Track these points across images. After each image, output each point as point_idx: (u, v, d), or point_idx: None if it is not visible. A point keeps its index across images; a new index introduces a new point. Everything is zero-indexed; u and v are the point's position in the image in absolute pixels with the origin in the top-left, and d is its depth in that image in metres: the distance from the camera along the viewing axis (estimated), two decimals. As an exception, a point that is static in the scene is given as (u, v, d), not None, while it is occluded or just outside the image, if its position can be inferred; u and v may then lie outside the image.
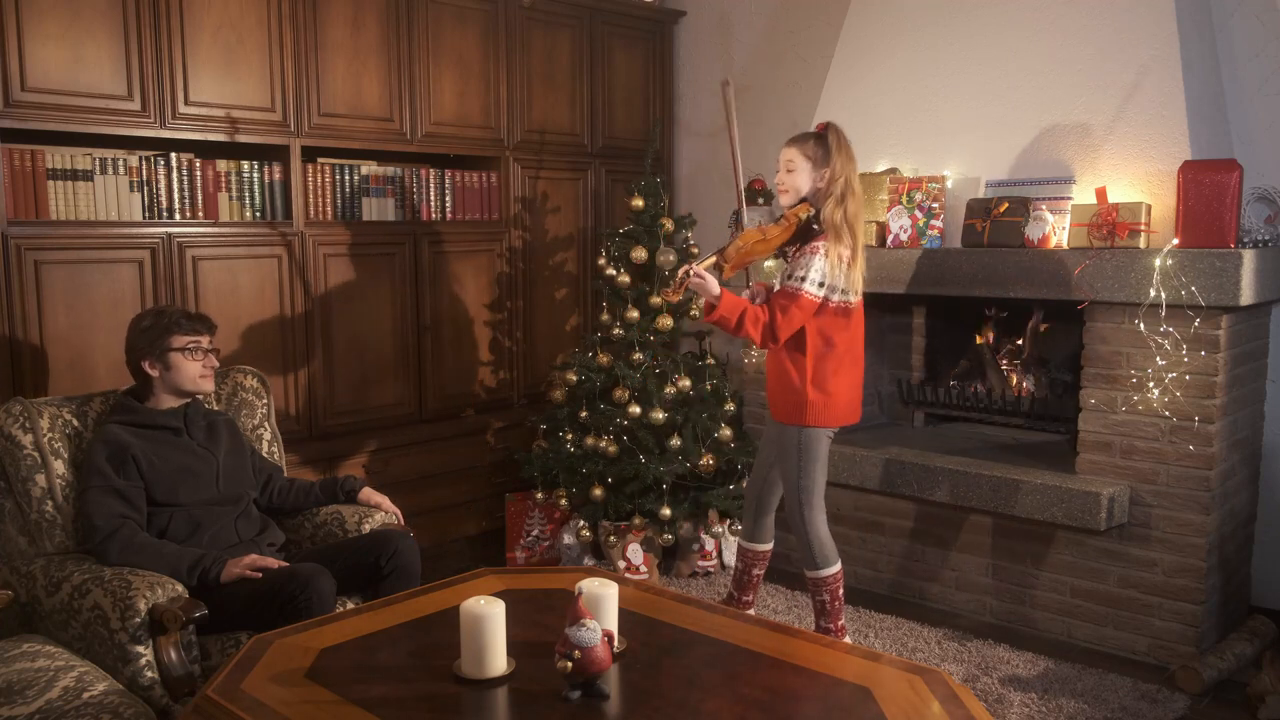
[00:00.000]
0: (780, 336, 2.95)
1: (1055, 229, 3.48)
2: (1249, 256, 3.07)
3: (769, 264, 3.71)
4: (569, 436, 4.09)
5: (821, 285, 2.94)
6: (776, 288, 3.05)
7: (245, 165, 3.73)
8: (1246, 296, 3.08)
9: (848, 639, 3.24)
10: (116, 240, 3.41)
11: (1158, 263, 3.16)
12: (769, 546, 3.38)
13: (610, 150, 4.92)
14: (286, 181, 3.82)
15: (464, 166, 4.45)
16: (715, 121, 5.16)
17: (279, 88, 3.74)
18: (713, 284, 2.90)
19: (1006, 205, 3.54)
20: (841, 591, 3.18)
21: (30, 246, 3.23)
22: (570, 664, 1.94)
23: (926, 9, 3.96)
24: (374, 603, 2.50)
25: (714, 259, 2.94)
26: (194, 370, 2.83)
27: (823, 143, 2.99)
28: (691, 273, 2.88)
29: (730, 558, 4.15)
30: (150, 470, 2.71)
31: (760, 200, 4.48)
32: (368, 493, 3.10)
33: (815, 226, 2.97)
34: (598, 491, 3.96)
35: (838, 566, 3.16)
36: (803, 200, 3.03)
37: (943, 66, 3.89)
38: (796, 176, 3.00)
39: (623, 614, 2.26)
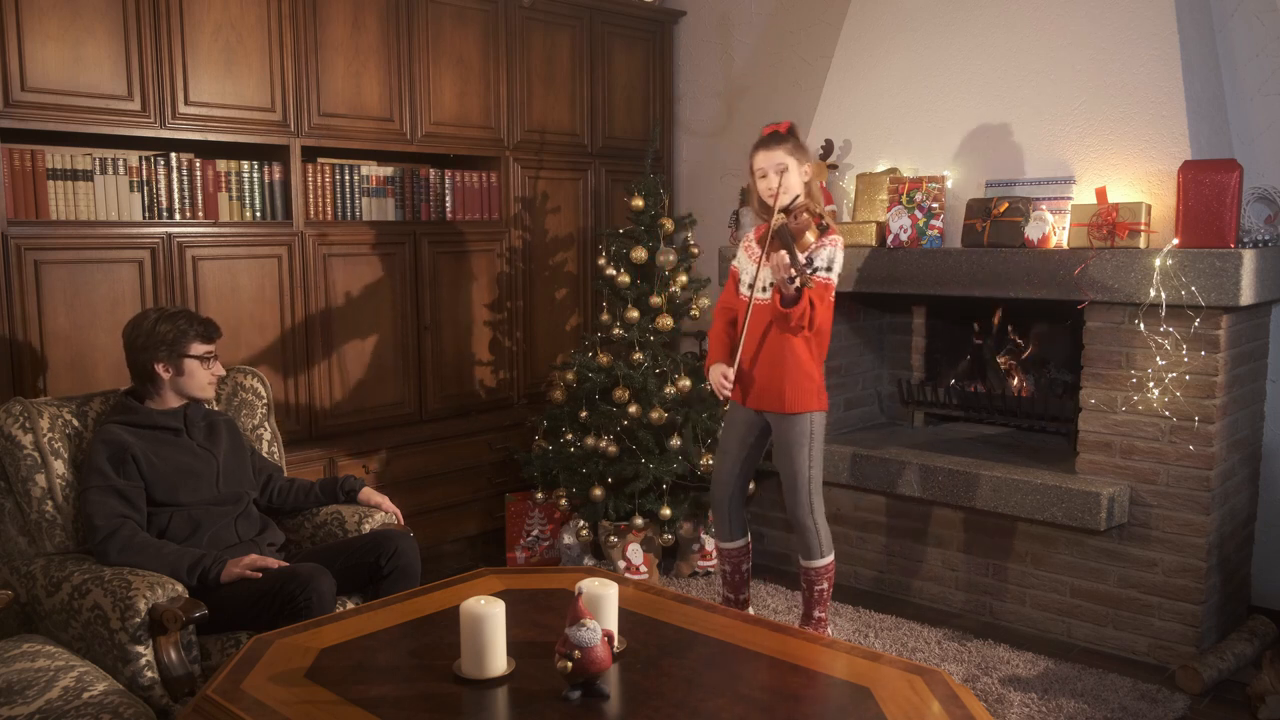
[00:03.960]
0: (818, 324, 3.01)
1: (1055, 229, 3.47)
2: (1249, 256, 3.07)
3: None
4: (569, 436, 4.09)
5: (838, 275, 3.07)
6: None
7: (245, 165, 3.73)
8: (1246, 296, 3.08)
9: (829, 629, 3.30)
10: (116, 240, 3.41)
11: (1158, 263, 3.16)
12: (748, 538, 3.41)
13: (610, 150, 4.92)
14: (286, 181, 3.82)
15: (464, 166, 4.45)
16: (716, 122, 5.16)
17: (279, 88, 3.74)
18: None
19: (1006, 205, 3.53)
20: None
21: (30, 246, 3.22)
22: (570, 664, 1.94)
23: (926, 9, 3.96)
24: (374, 603, 2.50)
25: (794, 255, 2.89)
26: (205, 378, 2.85)
27: (797, 139, 3.08)
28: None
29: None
30: (150, 470, 2.71)
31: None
32: (368, 493, 3.10)
33: (823, 222, 3.05)
34: (598, 491, 3.95)
35: (833, 552, 3.23)
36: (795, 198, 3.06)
37: (943, 66, 3.89)
38: (791, 177, 3.05)
39: (623, 614, 2.26)
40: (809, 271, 2.87)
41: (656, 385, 3.92)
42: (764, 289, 3.08)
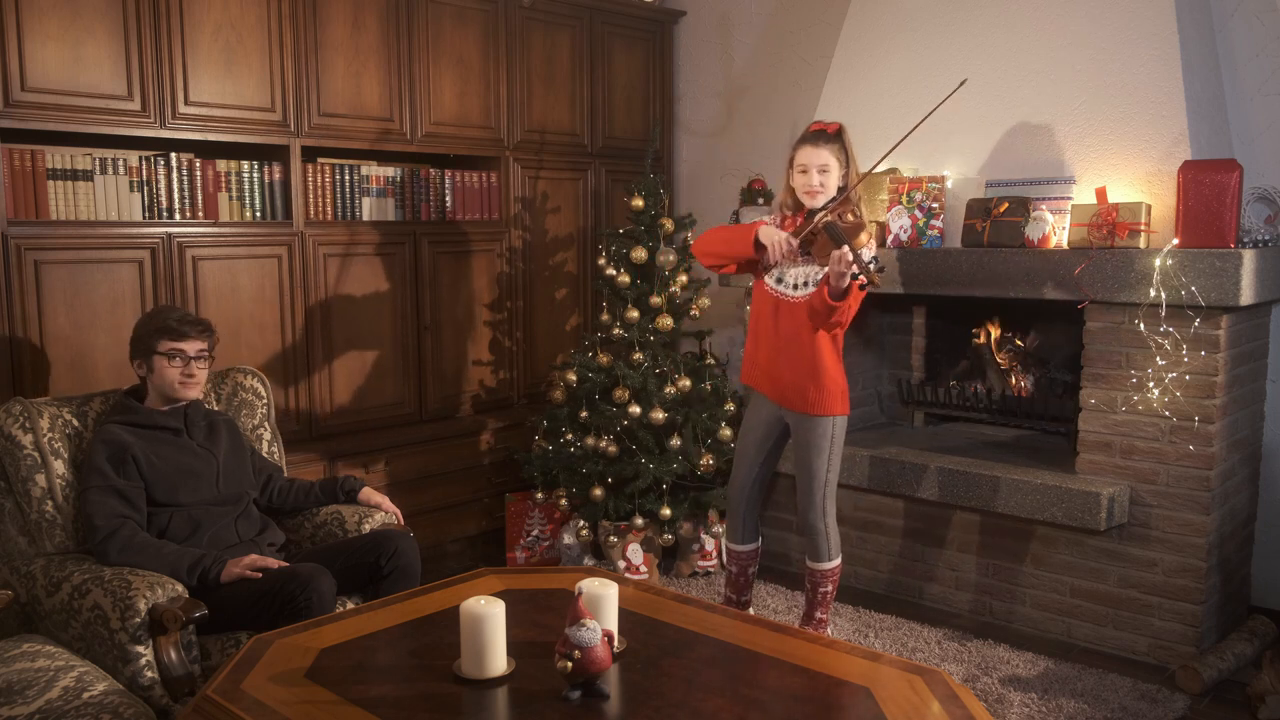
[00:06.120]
0: (847, 323, 3.00)
1: (1055, 229, 3.47)
2: (1249, 256, 3.07)
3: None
4: (569, 436, 4.09)
5: None
6: (814, 278, 3.03)
7: (245, 165, 3.73)
8: (1246, 296, 3.08)
9: (829, 629, 3.31)
10: (116, 240, 3.41)
11: (1158, 263, 3.16)
12: (759, 542, 3.41)
13: (610, 150, 4.92)
14: (286, 181, 3.82)
15: (464, 166, 4.45)
16: (716, 122, 5.16)
17: (279, 88, 3.74)
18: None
19: (1006, 205, 3.54)
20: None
21: (30, 246, 3.22)
22: (570, 664, 1.94)
23: (926, 9, 3.96)
24: (374, 603, 2.50)
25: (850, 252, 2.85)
26: (172, 376, 2.80)
27: (844, 142, 3.05)
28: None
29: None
30: (150, 470, 2.71)
31: (760, 200, 4.48)
32: (368, 493, 3.10)
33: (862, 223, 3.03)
34: (598, 491, 3.95)
35: (840, 555, 3.23)
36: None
37: (943, 66, 3.89)
38: (830, 178, 3.02)
39: (623, 614, 2.26)
40: (873, 269, 2.80)
41: (656, 385, 3.92)
42: (795, 286, 3.06)
